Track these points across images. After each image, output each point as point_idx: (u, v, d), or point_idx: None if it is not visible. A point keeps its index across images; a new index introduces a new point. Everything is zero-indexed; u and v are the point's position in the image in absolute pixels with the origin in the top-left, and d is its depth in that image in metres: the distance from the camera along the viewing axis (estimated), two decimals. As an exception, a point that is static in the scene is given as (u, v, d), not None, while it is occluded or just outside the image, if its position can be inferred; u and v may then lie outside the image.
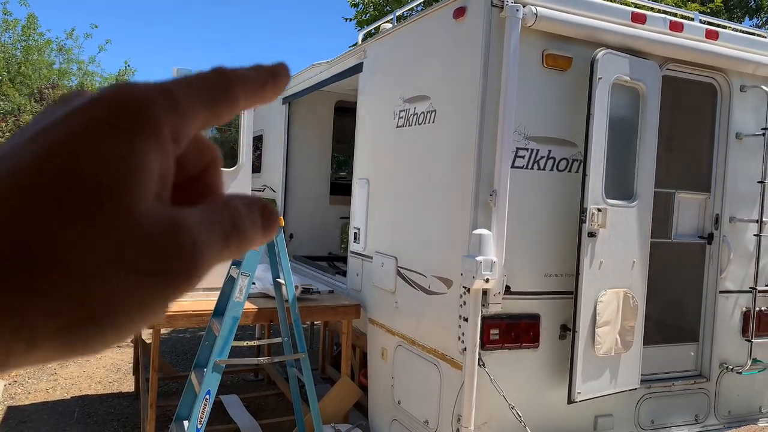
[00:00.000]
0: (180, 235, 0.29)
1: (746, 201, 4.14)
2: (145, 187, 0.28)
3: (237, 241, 0.32)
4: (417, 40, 4.06)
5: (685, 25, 3.81)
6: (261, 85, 0.34)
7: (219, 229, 0.31)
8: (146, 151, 0.28)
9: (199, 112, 0.31)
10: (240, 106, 0.33)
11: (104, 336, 0.27)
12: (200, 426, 3.55)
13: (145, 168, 0.28)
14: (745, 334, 4.16)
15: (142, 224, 0.27)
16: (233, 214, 0.32)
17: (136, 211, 0.27)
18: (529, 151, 3.43)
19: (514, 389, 3.39)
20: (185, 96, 0.31)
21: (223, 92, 0.32)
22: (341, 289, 5.04)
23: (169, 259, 0.28)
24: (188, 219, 0.29)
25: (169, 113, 0.30)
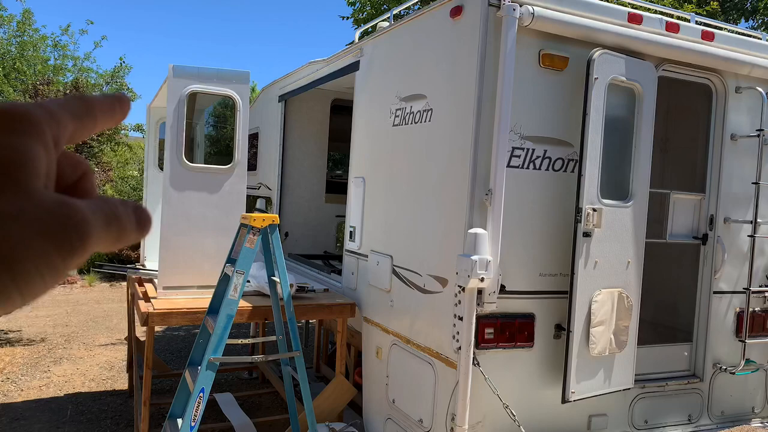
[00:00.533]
0: (70, 209, 0.35)
1: (740, 202, 4.16)
2: (37, 173, 0.35)
3: (116, 227, 0.39)
4: (414, 39, 4.05)
5: (682, 26, 3.82)
6: (111, 107, 0.44)
7: (101, 213, 0.38)
8: (34, 147, 0.36)
9: (70, 123, 0.40)
10: (98, 123, 0.42)
11: (17, 285, 0.33)
12: (194, 424, 3.54)
13: (36, 158, 0.35)
14: (739, 335, 4.17)
15: (39, 197, 0.34)
16: (111, 205, 0.39)
17: (31, 187, 0.34)
18: (525, 150, 3.43)
19: (509, 388, 3.40)
20: (59, 111, 0.39)
21: (86, 111, 0.42)
22: (336, 287, 5.03)
23: (65, 226, 0.35)
24: (75, 201, 0.36)
25: (49, 121, 0.38)
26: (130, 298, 5.99)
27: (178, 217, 4.37)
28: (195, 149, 5.34)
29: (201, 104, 5.21)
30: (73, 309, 10.59)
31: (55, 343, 8.28)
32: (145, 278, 5.03)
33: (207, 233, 4.40)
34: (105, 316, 10.04)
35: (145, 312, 4.00)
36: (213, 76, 4.51)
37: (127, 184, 15.71)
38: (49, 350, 7.90)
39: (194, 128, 5.20)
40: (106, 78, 18.19)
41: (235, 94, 4.57)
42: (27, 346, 8.08)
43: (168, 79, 4.48)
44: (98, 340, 8.53)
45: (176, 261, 4.34)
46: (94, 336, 8.74)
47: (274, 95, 6.81)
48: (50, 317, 9.83)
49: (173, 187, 4.39)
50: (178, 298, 4.28)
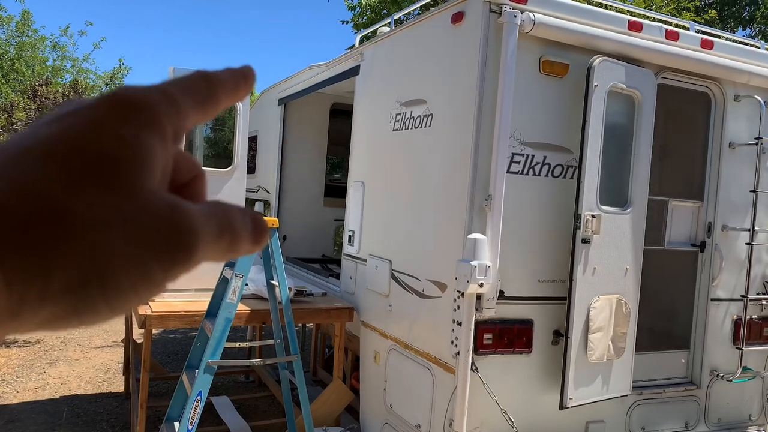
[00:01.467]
0: (180, 215, 0.31)
1: (738, 210, 4.17)
2: (152, 171, 0.31)
3: (229, 237, 0.34)
4: (414, 44, 4.06)
5: (681, 35, 3.84)
6: (236, 86, 0.39)
7: (215, 221, 0.33)
8: (152, 142, 0.31)
9: (192, 111, 0.35)
10: (221, 105, 0.38)
11: (107, 300, 0.29)
12: (191, 427, 3.53)
13: (152, 155, 0.31)
14: (736, 342, 4.18)
15: (147, 200, 0.30)
16: (228, 212, 0.35)
17: (143, 188, 0.30)
18: (525, 156, 3.44)
19: (507, 394, 3.40)
20: (181, 97, 0.34)
21: (209, 93, 0.37)
22: (334, 291, 5.03)
23: (170, 236, 0.30)
24: (189, 205, 0.32)
25: (170, 112, 0.33)
26: (127, 301, 5.96)
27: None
28: (194, 152, 5.34)
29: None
30: (69, 311, 10.54)
31: (50, 344, 8.25)
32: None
33: (206, 236, 4.39)
34: (101, 318, 10.00)
35: (143, 314, 3.99)
36: (213, 79, 4.51)
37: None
38: (45, 352, 7.87)
39: (193, 131, 5.20)
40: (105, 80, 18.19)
41: (235, 98, 4.57)
42: (22, 347, 8.05)
43: (168, 82, 4.48)
44: (94, 342, 8.51)
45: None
46: (90, 338, 8.71)
47: (274, 98, 6.81)
48: (46, 319, 9.78)
49: (172, 189, 4.38)
50: (176, 301, 4.28)
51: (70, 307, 0.28)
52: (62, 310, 0.28)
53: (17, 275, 0.26)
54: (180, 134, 0.34)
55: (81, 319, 0.29)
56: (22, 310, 0.27)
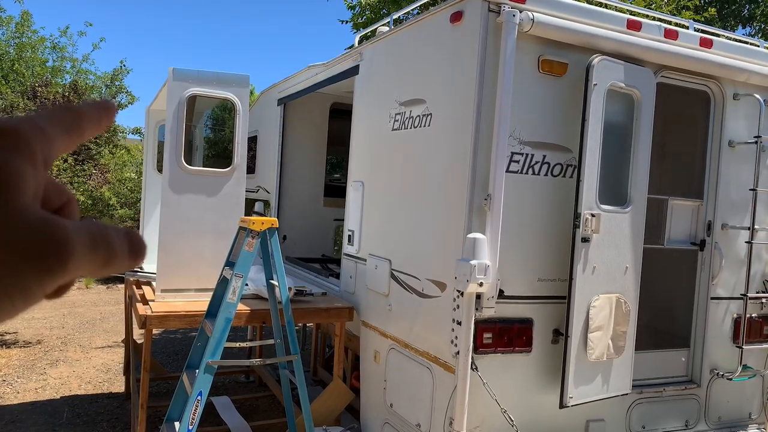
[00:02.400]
0: (54, 228, 0.33)
1: (738, 208, 4.17)
2: (24, 190, 0.34)
3: (105, 250, 0.36)
4: (413, 44, 4.06)
5: (680, 33, 3.84)
6: (98, 117, 0.43)
7: (87, 234, 0.35)
8: (23, 165, 0.34)
9: (59, 138, 0.39)
10: (86, 134, 0.41)
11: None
12: (191, 427, 3.53)
13: (23, 176, 0.34)
14: (736, 341, 4.18)
15: (20, 213, 0.32)
16: (101, 227, 0.37)
17: (17, 205, 0.33)
18: (524, 155, 3.44)
19: (507, 393, 3.40)
20: (48, 126, 0.38)
21: (73, 123, 0.40)
22: (334, 291, 5.03)
23: (45, 246, 0.32)
24: (62, 219, 0.34)
25: (39, 139, 0.36)
26: (127, 301, 5.98)
27: (177, 220, 4.36)
28: (194, 152, 5.35)
29: (200, 107, 5.22)
30: (69, 311, 10.56)
31: (51, 345, 8.26)
32: (143, 281, 5.02)
33: (205, 236, 4.40)
34: (102, 319, 10.02)
35: (143, 315, 4.00)
36: (213, 79, 4.52)
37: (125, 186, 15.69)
38: (46, 352, 7.87)
39: (193, 131, 5.20)
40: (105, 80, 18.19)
41: (234, 98, 4.58)
42: (23, 348, 8.06)
43: (168, 82, 4.49)
44: (95, 342, 8.51)
45: (174, 264, 4.33)
46: (91, 338, 8.72)
47: (273, 99, 6.81)
48: (47, 319, 9.80)
49: (172, 189, 4.39)
50: (176, 301, 4.28)
51: None
52: None
53: None
54: (49, 160, 0.37)
55: None
56: None
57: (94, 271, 0.36)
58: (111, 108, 0.44)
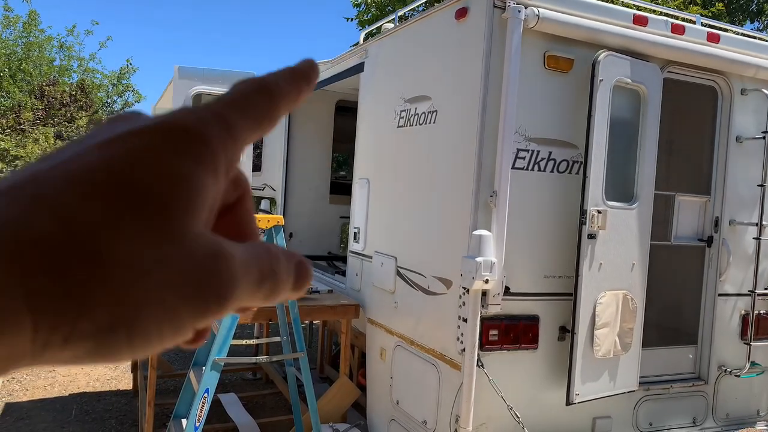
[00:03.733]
0: (221, 265, 0.29)
1: (746, 204, 4.14)
2: (198, 211, 0.29)
3: (270, 288, 0.32)
4: (419, 41, 4.06)
5: (687, 28, 3.82)
6: (298, 93, 0.35)
7: (256, 271, 0.31)
8: (205, 179, 0.29)
9: (249, 133, 0.32)
10: (278, 121, 0.34)
11: (131, 345, 0.27)
12: (198, 424, 3.55)
13: (203, 193, 0.29)
14: (744, 337, 4.16)
15: (188, 245, 0.28)
16: (273, 260, 0.32)
17: (186, 231, 0.28)
18: (530, 152, 3.43)
19: (513, 390, 3.39)
20: (237, 121, 0.31)
21: (269, 109, 0.33)
22: (340, 288, 5.04)
23: (205, 285, 0.28)
24: (231, 251, 0.30)
25: (227, 143, 0.30)
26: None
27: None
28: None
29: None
30: (77, 309, 10.62)
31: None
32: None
33: (212, 234, 4.41)
34: (109, 316, 10.06)
35: (150, 312, 4.01)
36: (218, 77, 4.53)
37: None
38: (54, 350, 7.92)
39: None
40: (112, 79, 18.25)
41: (240, 96, 4.59)
42: (32, 345, 8.11)
43: (174, 81, 4.50)
44: (103, 340, 8.55)
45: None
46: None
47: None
48: (55, 317, 9.85)
49: (178, 187, 4.40)
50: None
51: (92, 350, 0.27)
52: (83, 352, 0.27)
53: (46, 320, 0.25)
54: (234, 166, 0.32)
55: (99, 360, 0.28)
56: (44, 353, 0.26)
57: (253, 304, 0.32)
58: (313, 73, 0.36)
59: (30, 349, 0.25)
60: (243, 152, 0.32)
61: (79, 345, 0.26)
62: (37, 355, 0.26)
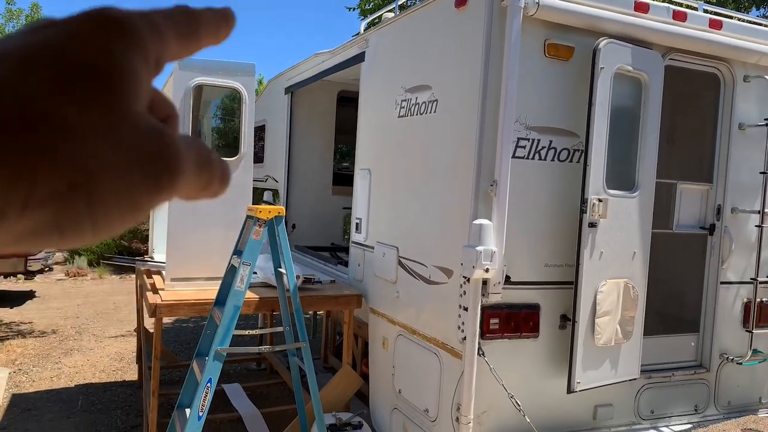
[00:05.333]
0: (167, 140, 0.30)
1: (748, 192, 4.13)
2: (139, 92, 0.30)
3: (207, 173, 0.34)
4: (419, 30, 4.04)
5: (689, 15, 3.79)
6: (217, 26, 0.37)
7: (195, 153, 0.33)
8: (139, 64, 0.30)
9: (173, 42, 0.34)
10: (202, 43, 0.36)
11: (93, 216, 0.28)
12: (202, 414, 3.58)
13: (139, 76, 0.30)
14: (746, 325, 4.16)
15: (136, 119, 0.29)
16: (204, 147, 0.34)
17: (130, 106, 0.29)
18: (530, 141, 3.42)
19: (514, 378, 3.41)
20: (162, 24, 0.33)
21: (191, 28, 0.35)
22: (343, 279, 5.06)
23: (157, 157, 0.30)
24: (173, 131, 0.31)
25: (154, 38, 0.32)
26: (139, 290, 6.05)
27: (185, 210, 4.39)
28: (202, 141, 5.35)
29: (207, 97, 5.23)
30: (83, 301, 10.70)
31: (66, 334, 8.37)
32: (153, 270, 5.07)
33: (214, 225, 4.43)
34: (115, 308, 10.13)
35: (153, 303, 4.04)
36: (219, 68, 4.52)
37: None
38: (60, 342, 7.99)
39: (201, 121, 5.22)
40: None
41: (240, 87, 4.58)
42: (38, 337, 8.18)
43: (174, 72, 4.50)
44: (108, 331, 8.62)
45: (183, 253, 4.37)
46: (105, 328, 8.83)
47: (281, 87, 6.81)
48: (61, 309, 9.93)
49: (180, 179, 4.41)
50: (185, 290, 4.32)
51: (53, 218, 0.27)
52: (45, 221, 0.27)
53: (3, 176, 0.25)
54: (161, 63, 0.33)
55: (62, 235, 0.28)
56: (5, 215, 0.26)
57: (192, 193, 0.33)
58: (230, 17, 0.38)
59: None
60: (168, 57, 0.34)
61: (39, 210, 0.27)
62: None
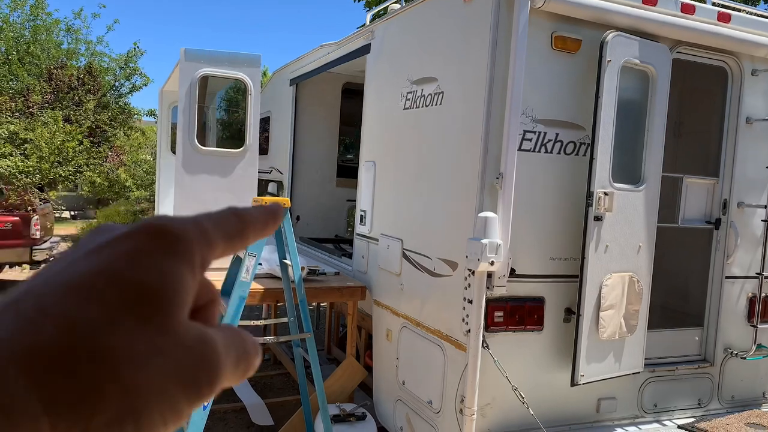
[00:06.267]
0: (209, 350, 0.32)
1: (755, 186, 4.11)
2: (184, 304, 0.32)
3: (244, 366, 0.35)
4: (425, 21, 4.03)
5: (697, 8, 3.76)
6: (264, 225, 0.39)
7: (233, 352, 0.34)
8: (184, 272, 0.32)
9: (220, 244, 0.36)
10: (249, 242, 0.39)
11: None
12: (206, 404, 3.60)
13: (185, 288, 0.32)
14: (751, 320, 4.15)
15: (181, 334, 0.31)
16: (242, 340, 0.36)
17: (177, 321, 0.31)
18: (537, 134, 3.41)
19: (518, 371, 3.42)
20: (211, 231, 0.35)
21: (239, 230, 0.37)
22: (347, 270, 5.06)
23: (198, 370, 0.31)
24: (215, 337, 0.33)
25: (201, 243, 0.34)
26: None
27: (191, 200, 4.40)
28: (207, 133, 5.37)
29: (213, 88, 5.23)
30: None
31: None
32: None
33: (219, 216, 4.43)
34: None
35: (158, 293, 4.05)
36: (224, 59, 4.52)
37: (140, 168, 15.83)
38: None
39: (206, 112, 5.22)
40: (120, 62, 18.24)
41: (246, 78, 4.58)
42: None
43: (180, 63, 4.50)
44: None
45: (189, 243, 4.37)
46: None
47: (286, 79, 6.80)
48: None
49: (185, 170, 4.42)
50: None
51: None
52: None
53: (62, 420, 0.27)
54: (206, 265, 0.35)
55: None
56: None
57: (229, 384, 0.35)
58: (279, 214, 0.40)
59: None
60: (214, 258, 0.36)
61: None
62: None
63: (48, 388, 0.27)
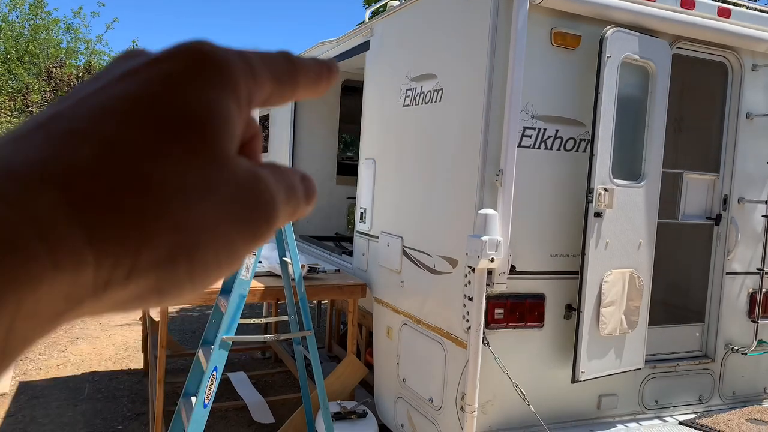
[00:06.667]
0: (262, 186, 0.29)
1: (755, 182, 4.11)
2: (233, 136, 0.29)
3: (294, 202, 0.33)
4: (424, 18, 4.02)
5: (697, 3, 3.75)
6: (318, 76, 0.35)
7: (284, 188, 0.31)
8: (232, 106, 0.29)
9: (268, 84, 0.32)
10: (299, 91, 0.35)
11: (192, 276, 0.27)
12: (207, 402, 3.60)
13: (232, 120, 0.29)
14: (752, 316, 4.15)
15: (231, 167, 0.28)
16: (291, 177, 0.33)
17: (227, 154, 0.28)
18: (536, 130, 3.41)
19: (519, 368, 3.41)
20: (260, 67, 0.31)
21: (289, 74, 0.34)
22: (347, 268, 5.06)
23: (254, 207, 0.29)
24: (266, 173, 0.30)
25: (247, 77, 0.30)
26: (144, 279, 6.06)
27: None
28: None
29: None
30: (89, 290, 10.73)
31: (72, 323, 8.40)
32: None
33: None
34: (120, 297, 10.16)
35: (158, 292, 4.04)
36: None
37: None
38: (66, 330, 8.03)
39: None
40: (118, 61, 18.22)
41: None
42: (45, 326, 8.21)
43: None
44: (114, 320, 8.66)
45: (189, 242, 4.37)
46: (110, 316, 8.86)
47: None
48: (67, 298, 9.96)
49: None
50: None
51: (154, 285, 0.26)
52: (145, 288, 0.26)
53: (108, 253, 0.24)
54: (253, 102, 0.32)
55: (161, 298, 0.27)
56: (106, 293, 0.25)
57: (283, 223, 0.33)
58: (334, 70, 0.36)
59: (92, 288, 0.24)
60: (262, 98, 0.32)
61: (141, 281, 0.26)
62: (99, 295, 0.25)
63: (91, 216, 0.23)
